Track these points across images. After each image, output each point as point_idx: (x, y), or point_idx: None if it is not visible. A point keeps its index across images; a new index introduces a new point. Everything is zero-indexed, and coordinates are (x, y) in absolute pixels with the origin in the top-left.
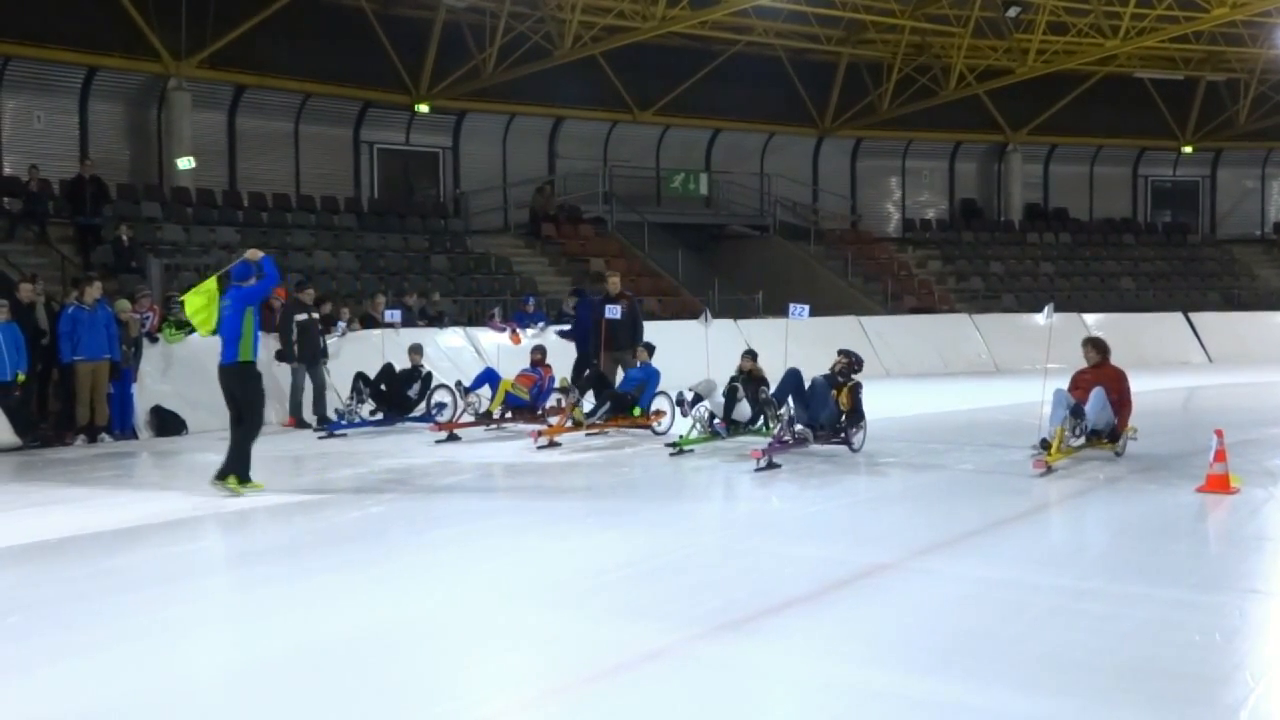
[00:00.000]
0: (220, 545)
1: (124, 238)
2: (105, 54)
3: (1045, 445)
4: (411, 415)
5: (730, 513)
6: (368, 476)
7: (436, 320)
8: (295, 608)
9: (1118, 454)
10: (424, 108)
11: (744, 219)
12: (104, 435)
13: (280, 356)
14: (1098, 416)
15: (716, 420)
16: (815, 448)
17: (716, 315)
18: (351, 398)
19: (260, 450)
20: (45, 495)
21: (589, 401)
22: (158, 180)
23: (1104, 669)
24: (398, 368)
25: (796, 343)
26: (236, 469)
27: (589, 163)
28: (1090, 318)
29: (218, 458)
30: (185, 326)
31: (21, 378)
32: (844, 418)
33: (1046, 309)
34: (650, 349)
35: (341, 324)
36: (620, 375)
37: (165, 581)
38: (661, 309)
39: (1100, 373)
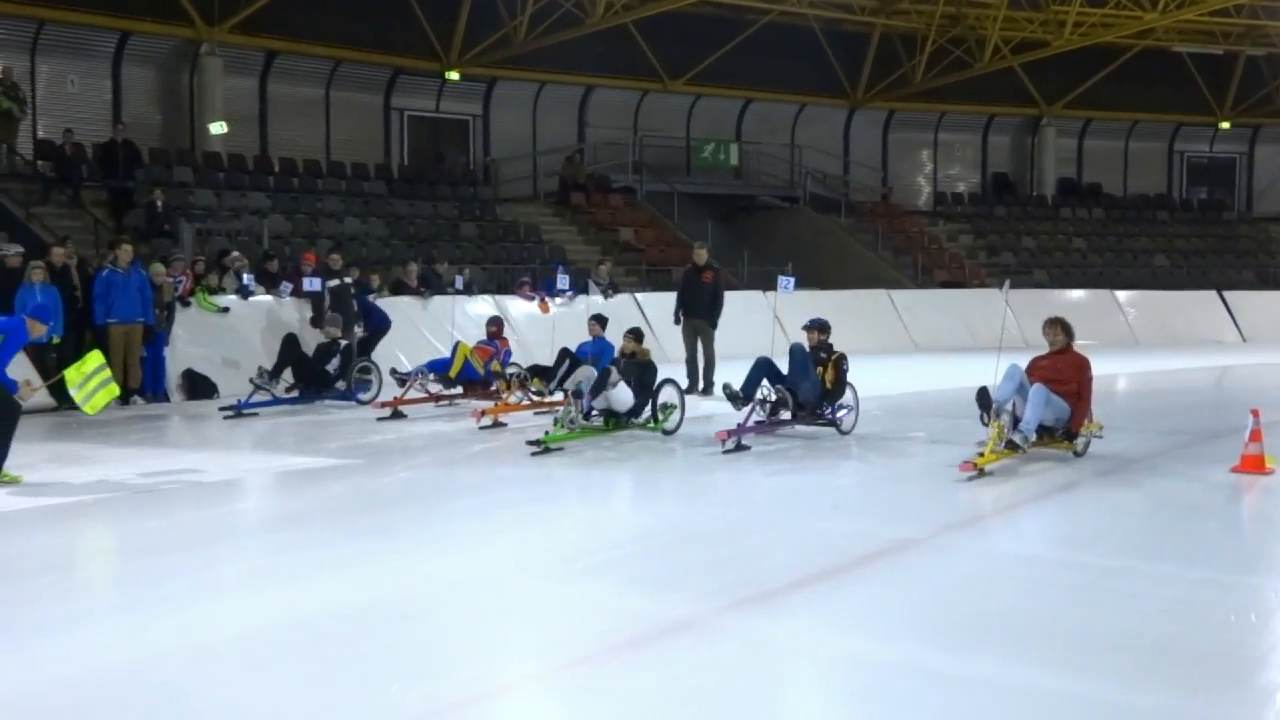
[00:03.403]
0: (249, 509)
1: (156, 202)
2: (138, 18)
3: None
4: (331, 393)
5: (750, 487)
6: (381, 446)
7: (466, 288)
8: (319, 574)
9: (1076, 454)
10: (454, 75)
11: (774, 190)
12: (136, 397)
13: (315, 324)
14: (1045, 418)
15: (593, 412)
16: (798, 429)
17: (746, 287)
18: (264, 373)
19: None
20: (79, 455)
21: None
22: (189, 145)
23: (1133, 648)
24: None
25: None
26: None
27: (619, 132)
28: (1123, 295)
29: (248, 422)
30: (217, 293)
31: (56, 340)
32: (827, 396)
33: (1005, 285)
34: (603, 321)
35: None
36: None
37: (195, 544)
38: None
39: (1059, 360)
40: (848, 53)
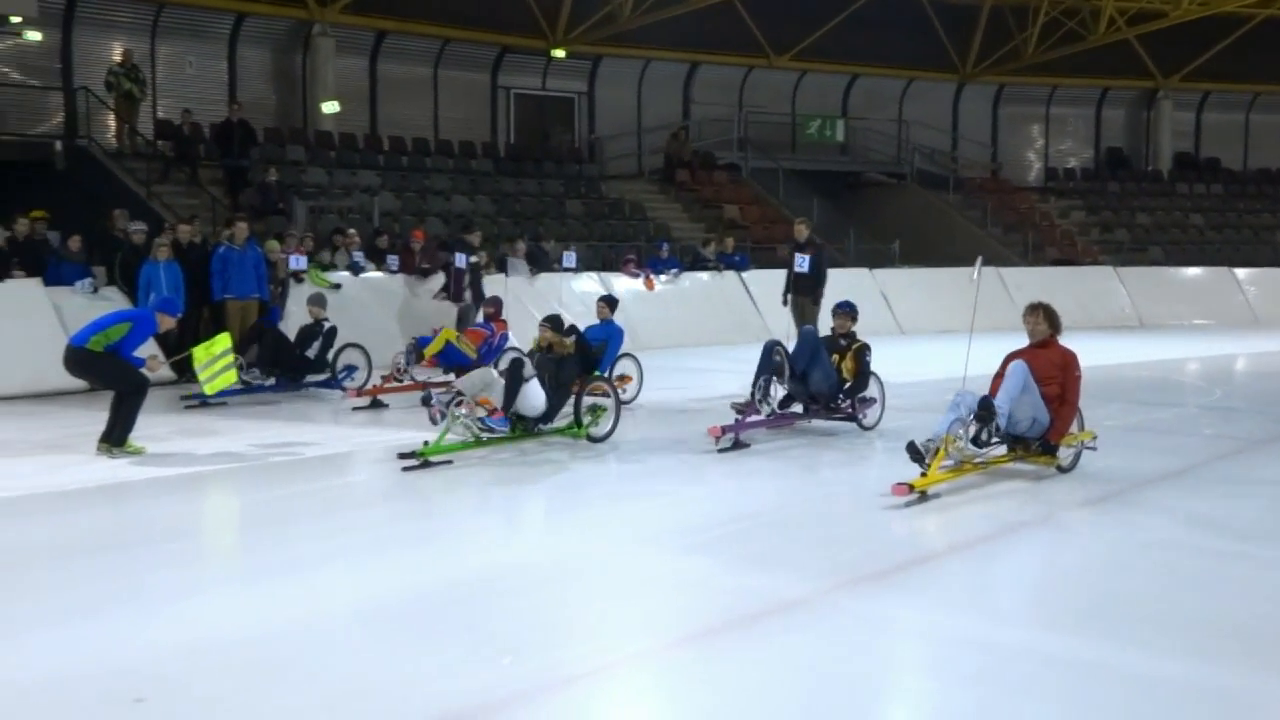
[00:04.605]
0: (366, 481)
1: (271, 180)
2: (253, 1)
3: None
4: (312, 380)
5: (855, 465)
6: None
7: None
8: (435, 546)
9: (1061, 469)
10: (560, 53)
11: (881, 166)
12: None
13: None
14: (1017, 411)
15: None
16: (815, 423)
17: (851, 265)
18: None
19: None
20: (200, 428)
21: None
22: (302, 124)
23: (1261, 636)
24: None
25: (925, 295)
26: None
27: (724, 108)
28: (1242, 273)
29: (360, 400)
30: (330, 269)
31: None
32: (846, 388)
33: (976, 264)
34: (613, 303)
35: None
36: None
37: (313, 515)
38: None
39: (1039, 355)
40: (957, 26)
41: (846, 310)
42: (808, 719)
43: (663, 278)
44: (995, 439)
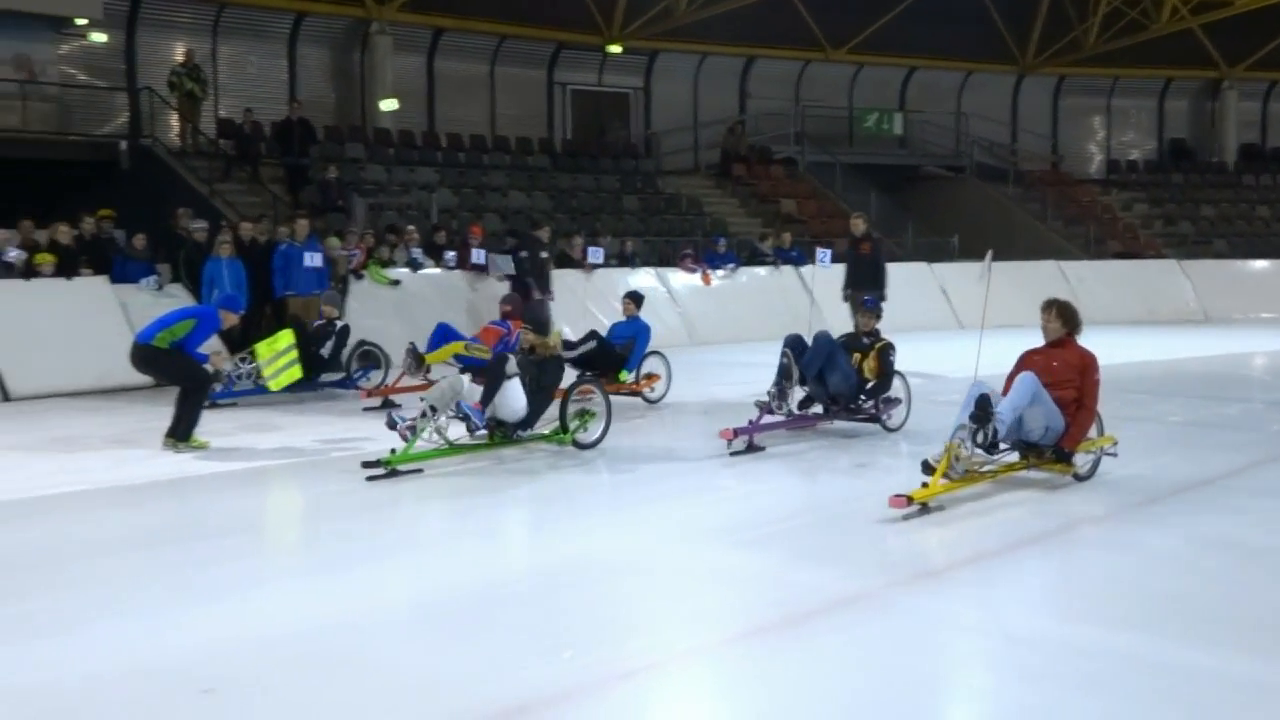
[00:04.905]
0: (427, 477)
1: (330, 178)
2: (312, 0)
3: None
4: (327, 380)
5: (893, 461)
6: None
7: (629, 260)
8: (493, 541)
9: (1078, 477)
10: (616, 48)
11: (939, 160)
12: None
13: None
14: (1028, 421)
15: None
16: (837, 424)
17: (909, 259)
18: (246, 359)
19: None
20: (262, 423)
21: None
22: (361, 122)
23: None
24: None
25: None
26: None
27: (780, 102)
28: None
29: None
30: (389, 266)
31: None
32: (868, 388)
33: (986, 259)
34: (639, 300)
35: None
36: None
37: (373, 509)
38: None
39: (1054, 357)
40: (1016, 17)
41: (870, 307)
42: (861, 715)
43: (720, 273)
44: (1003, 445)
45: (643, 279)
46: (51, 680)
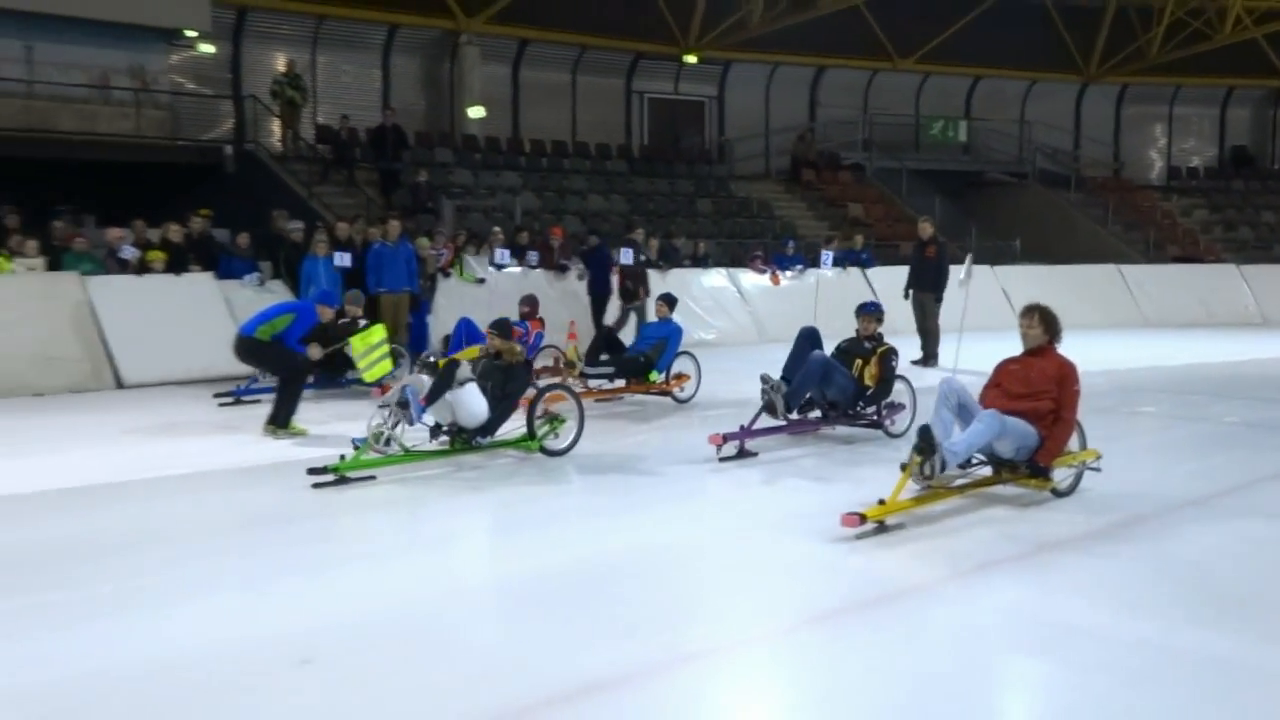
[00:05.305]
0: (502, 464)
1: (421, 181)
2: (405, 12)
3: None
4: (352, 376)
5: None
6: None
7: (701, 261)
8: (564, 528)
9: (1057, 493)
10: (692, 58)
11: (1002, 166)
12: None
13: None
14: (996, 446)
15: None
16: (837, 430)
17: (974, 262)
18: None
19: None
20: (354, 412)
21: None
22: (450, 128)
23: None
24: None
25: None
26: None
27: (849, 110)
28: None
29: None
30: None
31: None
32: (868, 394)
33: (966, 261)
34: (672, 302)
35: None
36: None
37: (455, 494)
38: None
39: (1032, 366)
40: (1080, 27)
41: (871, 311)
42: (917, 703)
43: (788, 274)
44: (976, 459)
45: (714, 279)
46: (168, 649)
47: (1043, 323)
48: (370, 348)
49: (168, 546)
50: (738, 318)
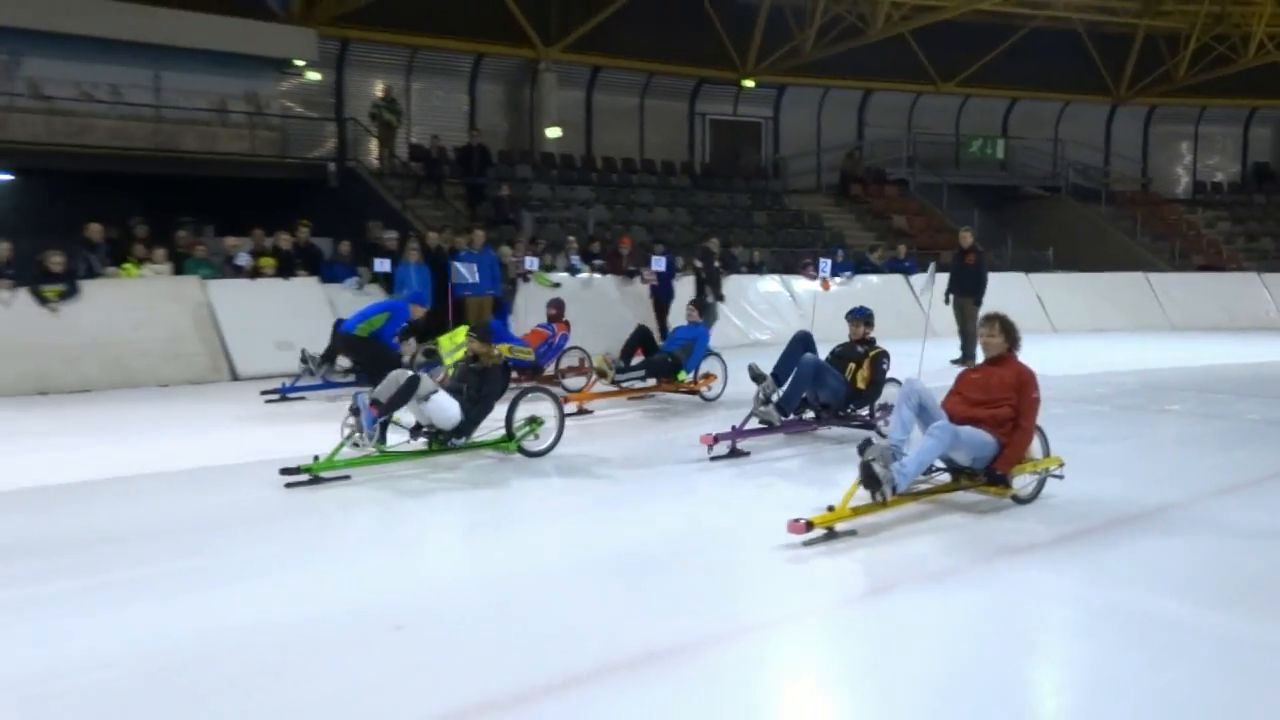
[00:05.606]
0: (573, 453)
1: (503, 195)
2: (490, 42)
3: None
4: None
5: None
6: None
7: (757, 268)
8: (613, 514)
9: (1018, 500)
10: (750, 83)
11: (1037, 181)
12: None
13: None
14: (951, 455)
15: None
16: (827, 430)
17: (1009, 269)
18: (311, 357)
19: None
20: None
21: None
22: (529, 147)
23: None
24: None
25: (1076, 297)
26: None
27: (894, 130)
28: None
29: (578, 380)
30: (551, 271)
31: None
32: (859, 396)
33: (929, 270)
34: (701, 307)
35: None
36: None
37: (521, 477)
38: None
39: (992, 375)
40: (1111, 52)
41: (859, 316)
42: (964, 677)
43: (837, 280)
44: (937, 465)
45: (769, 284)
46: (276, 616)
47: (1003, 331)
48: (456, 346)
49: (278, 522)
50: (790, 320)
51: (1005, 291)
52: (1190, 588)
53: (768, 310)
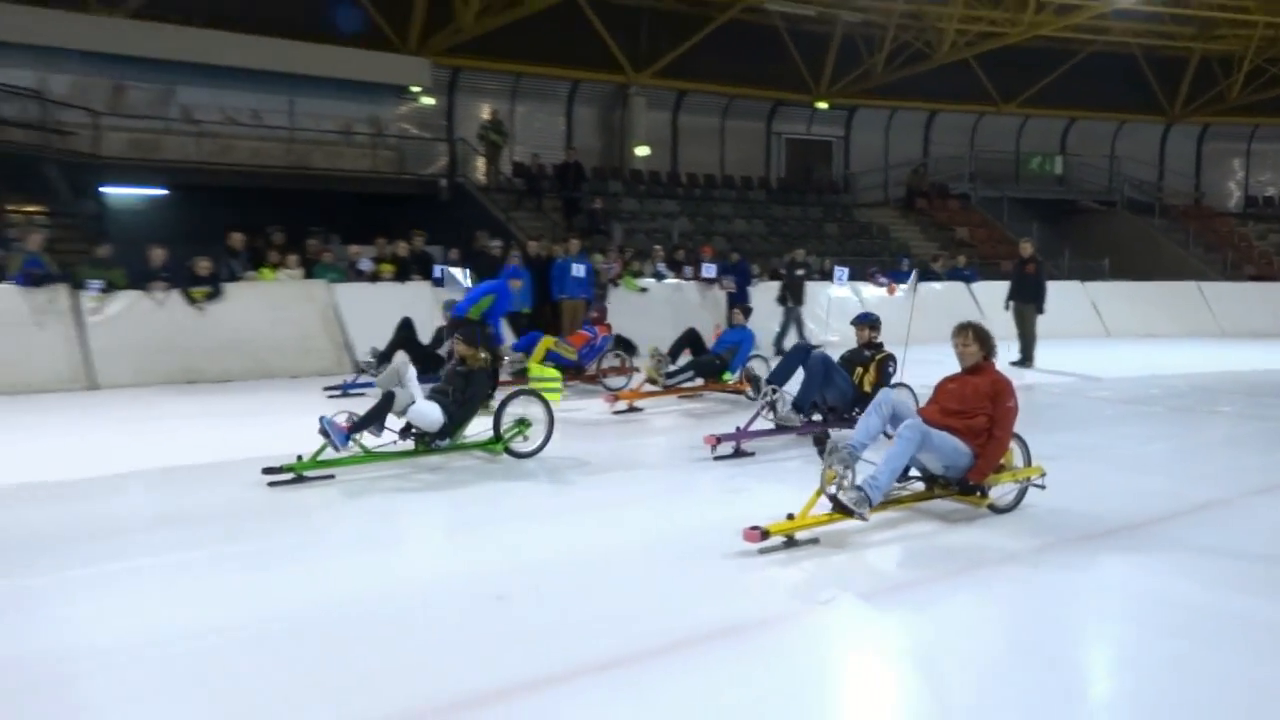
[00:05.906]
0: (608, 448)
1: (596, 208)
2: (586, 70)
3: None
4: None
5: (1052, 444)
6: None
7: (828, 275)
8: (651, 504)
9: (995, 509)
10: (823, 104)
11: (1094, 196)
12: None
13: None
14: (924, 461)
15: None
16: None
17: (1066, 278)
18: (374, 353)
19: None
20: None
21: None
22: (620, 164)
23: None
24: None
25: (1129, 304)
26: None
27: (958, 148)
28: None
29: (618, 379)
30: (639, 276)
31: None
32: (865, 400)
33: (912, 277)
34: (747, 311)
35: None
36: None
37: (599, 466)
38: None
39: (967, 384)
40: (1166, 74)
41: (865, 321)
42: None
43: (902, 287)
44: (912, 473)
45: (838, 290)
46: (387, 586)
47: (977, 340)
48: (543, 379)
49: (396, 504)
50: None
51: (1062, 299)
52: (1236, 579)
53: (838, 315)
